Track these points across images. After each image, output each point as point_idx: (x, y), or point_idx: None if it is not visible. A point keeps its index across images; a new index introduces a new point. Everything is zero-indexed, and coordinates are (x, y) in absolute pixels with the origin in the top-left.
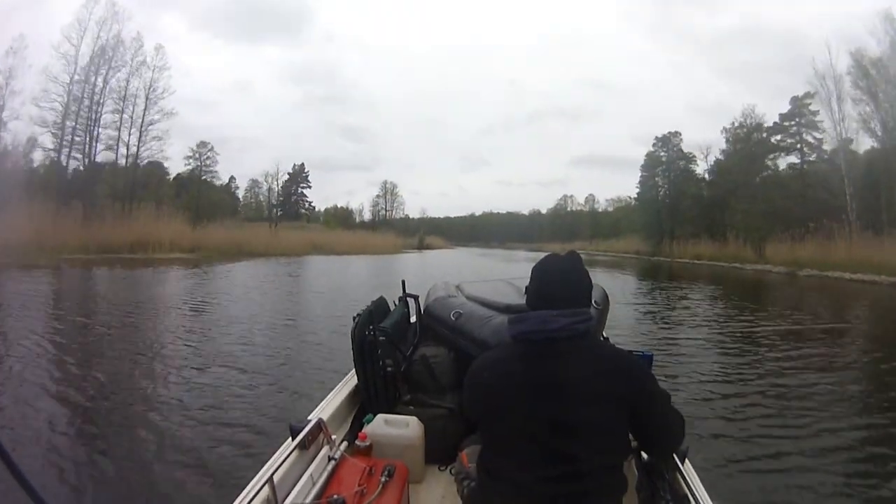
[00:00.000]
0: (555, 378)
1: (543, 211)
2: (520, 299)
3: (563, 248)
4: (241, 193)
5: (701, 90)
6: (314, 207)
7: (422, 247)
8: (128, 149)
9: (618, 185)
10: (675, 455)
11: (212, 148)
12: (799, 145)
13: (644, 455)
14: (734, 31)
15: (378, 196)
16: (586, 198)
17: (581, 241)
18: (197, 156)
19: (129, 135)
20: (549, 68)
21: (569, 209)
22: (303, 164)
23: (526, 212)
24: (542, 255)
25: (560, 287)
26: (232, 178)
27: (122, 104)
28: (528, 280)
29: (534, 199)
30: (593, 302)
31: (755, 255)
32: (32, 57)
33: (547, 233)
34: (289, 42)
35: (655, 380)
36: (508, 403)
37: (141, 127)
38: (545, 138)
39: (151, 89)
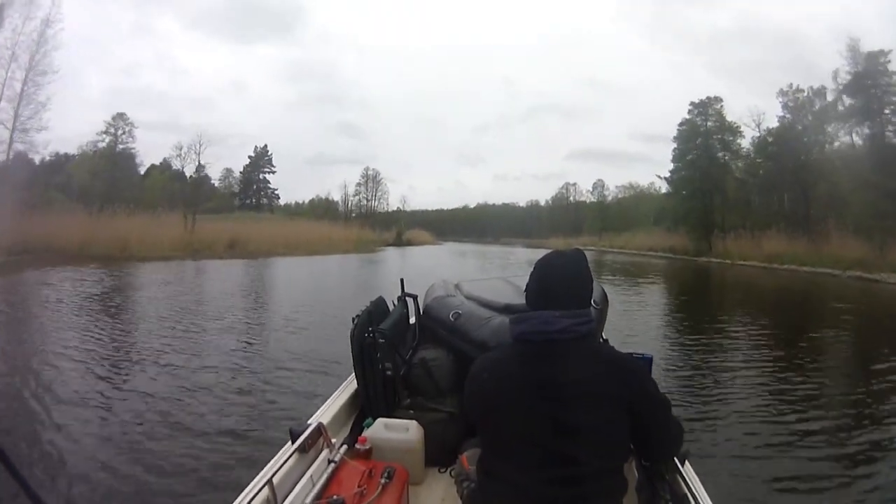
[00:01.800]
0: (555, 379)
1: (542, 202)
2: (519, 299)
3: (566, 243)
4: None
5: (698, 88)
6: (278, 196)
7: (401, 242)
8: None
9: (616, 180)
10: (675, 457)
11: (130, 121)
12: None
13: None
14: (731, 29)
15: (359, 185)
16: (594, 183)
17: (588, 236)
18: (112, 130)
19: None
20: (544, 66)
21: (571, 199)
22: (265, 147)
23: (523, 203)
24: (542, 252)
25: (562, 287)
26: (200, 167)
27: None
28: (528, 278)
29: (531, 192)
30: (593, 302)
31: (877, 257)
32: None
33: (546, 226)
34: (284, 41)
35: (656, 384)
36: (508, 404)
37: (21, 92)
38: (541, 136)
39: (39, 43)
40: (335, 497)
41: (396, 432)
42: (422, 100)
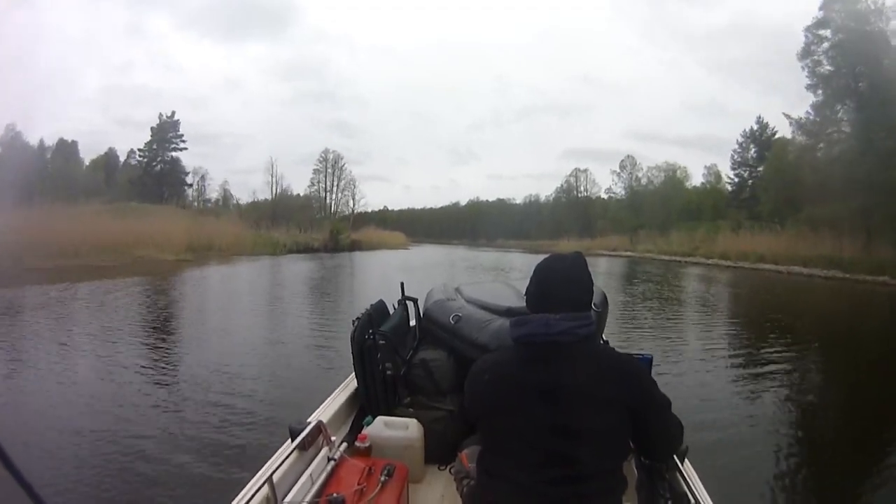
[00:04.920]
0: (556, 381)
1: (542, 198)
2: (519, 302)
3: (583, 247)
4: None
5: (693, 86)
6: (189, 181)
7: (338, 247)
8: None
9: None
10: (674, 455)
11: None
12: None
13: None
14: (727, 27)
15: (316, 171)
16: (622, 162)
17: (617, 236)
18: None
19: None
20: (539, 64)
21: (582, 190)
22: (173, 114)
23: (519, 200)
24: None
25: (562, 290)
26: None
27: None
28: (528, 281)
29: (527, 191)
30: (593, 305)
31: None
32: None
33: (549, 226)
34: (277, 39)
35: (656, 384)
36: (509, 406)
37: None
38: (536, 135)
39: None
40: (335, 495)
41: (396, 430)
42: (415, 98)
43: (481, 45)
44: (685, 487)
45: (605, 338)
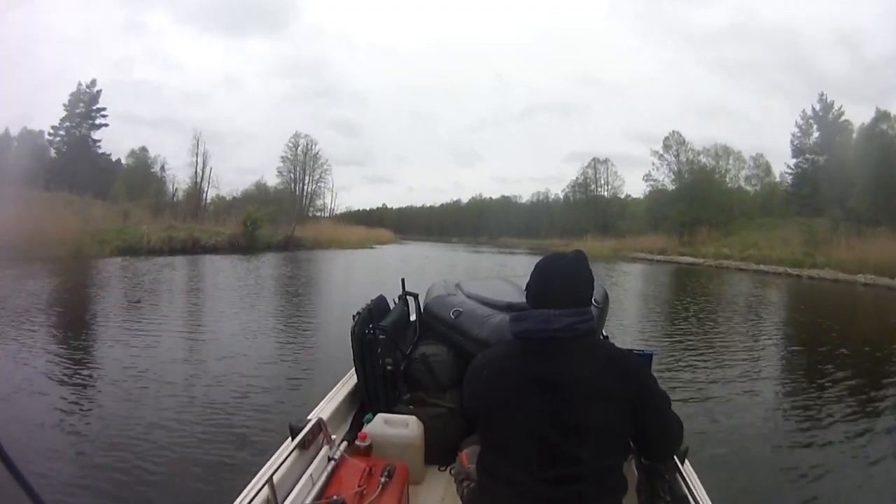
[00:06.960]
0: (555, 377)
1: (552, 196)
2: (520, 298)
3: (609, 247)
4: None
5: (694, 87)
6: (111, 159)
7: (255, 245)
8: None
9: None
10: (674, 456)
11: None
12: None
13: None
14: (728, 27)
15: (284, 158)
16: (665, 140)
17: (658, 234)
18: None
19: None
20: (540, 64)
21: (602, 183)
22: (93, 83)
23: (525, 198)
24: None
25: (563, 286)
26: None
27: None
28: (529, 278)
29: (531, 194)
30: (593, 300)
31: None
32: None
33: (560, 225)
34: (277, 37)
35: (655, 380)
36: (508, 402)
37: None
38: (539, 137)
39: None
40: (335, 497)
41: (396, 428)
42: (416, 98)
43: (481, 44)
44: (685, 490)
45: (605, 333)
